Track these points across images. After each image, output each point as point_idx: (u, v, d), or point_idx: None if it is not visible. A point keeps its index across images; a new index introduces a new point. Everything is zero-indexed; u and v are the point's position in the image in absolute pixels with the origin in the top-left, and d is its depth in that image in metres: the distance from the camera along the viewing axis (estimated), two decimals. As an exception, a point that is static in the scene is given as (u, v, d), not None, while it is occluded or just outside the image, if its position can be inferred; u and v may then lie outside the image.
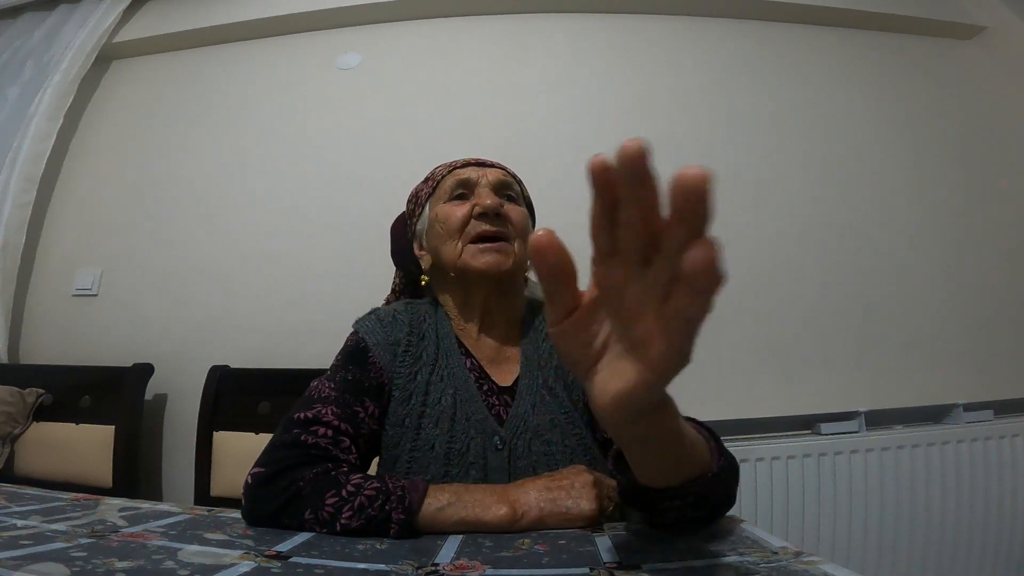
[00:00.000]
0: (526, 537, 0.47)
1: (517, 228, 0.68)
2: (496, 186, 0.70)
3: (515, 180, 0.74)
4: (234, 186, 1.66)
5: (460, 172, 0.72)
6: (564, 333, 0.32)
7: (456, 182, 0.71)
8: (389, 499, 0.49)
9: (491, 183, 0.70)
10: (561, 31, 1.72)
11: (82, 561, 0.36)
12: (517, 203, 0.72)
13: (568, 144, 1.59)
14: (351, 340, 0.68)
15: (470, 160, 0.74)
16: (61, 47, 1.73)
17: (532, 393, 0.65)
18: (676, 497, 0.42)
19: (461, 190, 0.70)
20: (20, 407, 1.35)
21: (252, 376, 1.38)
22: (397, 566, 0.39)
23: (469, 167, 0.73)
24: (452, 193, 0.70)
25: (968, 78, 1.77)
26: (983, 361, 1.52)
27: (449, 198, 0.70)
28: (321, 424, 0.57)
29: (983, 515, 1.32)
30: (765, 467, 1.28)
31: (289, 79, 1.74)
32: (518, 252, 0.67)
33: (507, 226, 0.67)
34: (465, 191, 0.70)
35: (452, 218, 0.68)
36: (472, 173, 0.71)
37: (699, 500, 0.43)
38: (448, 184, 0.71)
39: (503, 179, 0.72)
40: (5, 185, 1.58)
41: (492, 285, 0.68)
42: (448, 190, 0.71)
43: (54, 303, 1.64)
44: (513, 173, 0.75)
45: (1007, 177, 1.68)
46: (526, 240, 0.68)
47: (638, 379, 0.29)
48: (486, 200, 0.67)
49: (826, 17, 1.75)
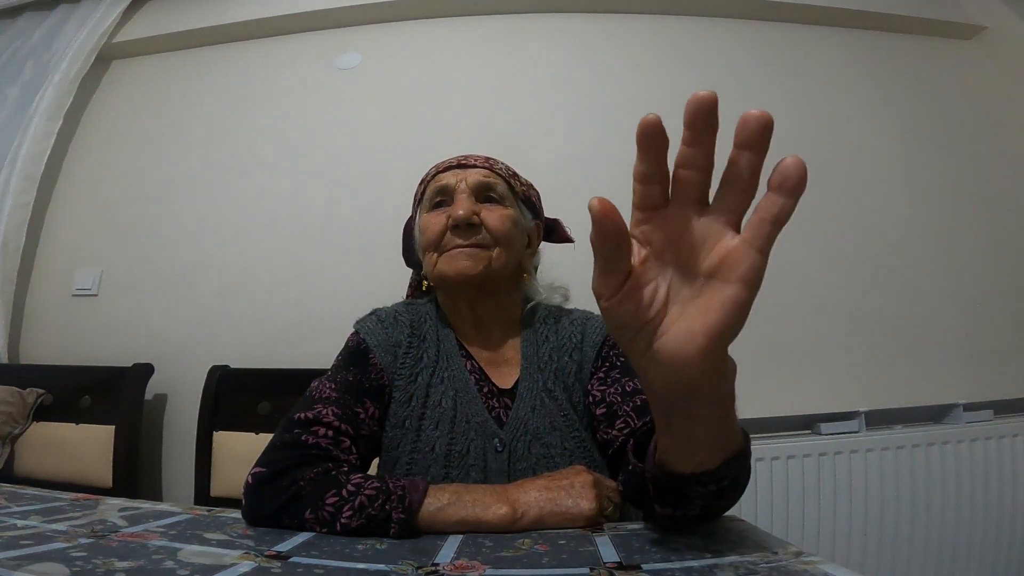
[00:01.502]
0: (526, 537, 0.47)
1: (496, 232, 0.66)
2: (475, 189, 0.68)
3: (502, 178, 0.71)
4: (234, 186, 1.66)
5: (440, 178, 0.70)
6: (621, 302, 0.32)
7: (436, 189, 0.69)
8: (389, 498, 0.49)
9: (470, 187, 0.68)
10: (561, 31, 1.72)
11: (82, 561, 0.36)
12: (500, 203, 0.69)
13: (568, 144, 1.59)
14: (352, 340, 0.68)
15: (452, 162, 0.72)
16: (61, 47, 1.73)
17: (532, 396, 0.65)
18: (712, 481, 0.41)
19: (440, 197, 0.69)
20: (20, 407, 1.35)
21: (252, 376, 1.38)
22: (397, 566, 0.39)
23: (450, 171, 0.70)
24: (432, 201, 0.69)
25: (968, 78, 1.77)
26: (983, 361, 1.52)
27: (430, 207, 0.69)
28: (322, 424, 0.57)
29: (983, 515, 1.32)
30: (765, 467, 1.28)
31: (289, 79, 1.74)
32: (496, 255, 0.66)
33: (481, 233, 0.66)
34: (444, 198, 0.69)
35: (429, 230, 0.67)
36: (451, 179, 0.69)
37: (733, 483, 0.42)
38: (430, 191, 0.70)
39: (483, 180, 0.69)
40: (5, 185, 1.58)
41: (472, 290, 0.67)
42: (429, 198, 0.70)
43: (54, 303, 1.64)
44: (500, 170, 0.72)
45: (1007, 177, 1.68)
46: (509, 244, 0.67)
47: (733, 299, 0.30)
48: (458, 211, 0.65)
49: (826, 17, 1.75)
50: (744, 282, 0.30)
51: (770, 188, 0.29)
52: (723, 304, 0.30)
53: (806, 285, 1.51)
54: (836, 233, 1.56)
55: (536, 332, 0.71)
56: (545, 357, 0.68)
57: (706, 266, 0.31)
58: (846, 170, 1.62)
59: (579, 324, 0.71)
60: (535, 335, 0.70)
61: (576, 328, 0.70)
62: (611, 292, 0.32)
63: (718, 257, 0.31)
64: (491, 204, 0.68)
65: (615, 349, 0.67)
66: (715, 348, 0.31)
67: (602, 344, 0.68)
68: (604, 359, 0.67)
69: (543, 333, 0.70)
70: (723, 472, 0.41)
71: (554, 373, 0.67)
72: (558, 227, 0.80)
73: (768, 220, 0.30)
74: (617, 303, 0.32)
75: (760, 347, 1.45)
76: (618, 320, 0.33)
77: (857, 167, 1.63)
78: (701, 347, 0.31)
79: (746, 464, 0.43)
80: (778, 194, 0.29)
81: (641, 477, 0.45)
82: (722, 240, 0.31)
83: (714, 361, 0.32)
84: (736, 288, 0.30)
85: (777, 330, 1.47)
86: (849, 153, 1.64)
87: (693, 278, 0.32)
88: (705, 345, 0.31)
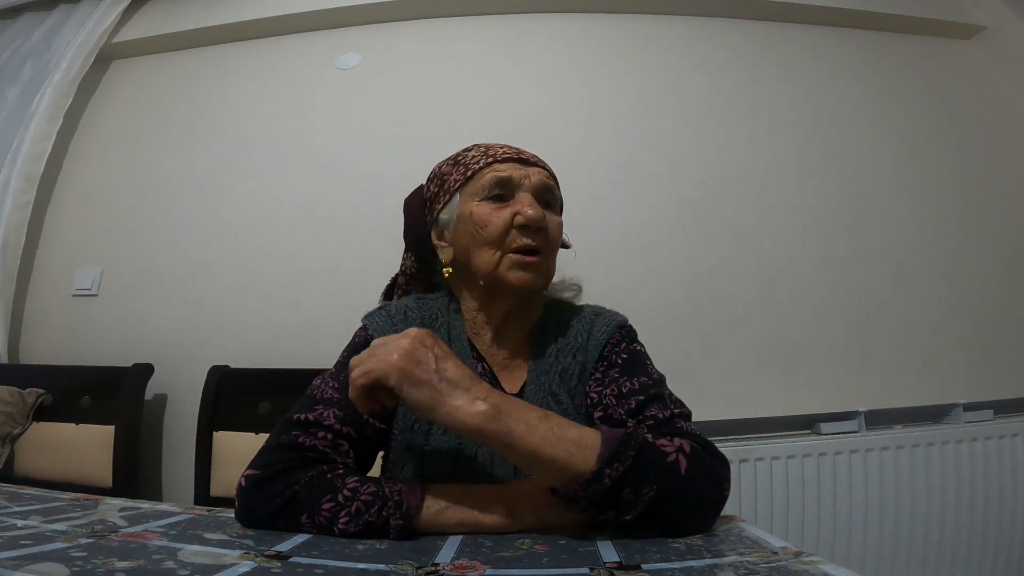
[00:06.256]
0: (526, 537, 0.47)
1: (553, 241, 0.64)
2: (538, 191, 0.64)
3: (556, 183, 0.68)
4: (234, 186, 1.66)
5: (500, 169, 0.64)
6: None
7: (495, 180, 0.63)
8: (386, 504, 0.48)
9: (534, 187, 0.64)
10: (560, 31, 1.72)
11: (82, 561, 0.37)
12: (554, 210, 0.67)
13: (568, 144, 1.59)
14: (360, 336, 0.66)
15: (511, 153, 0.66)
16: (61, 47, 1.73)
17: (537, 399, 0.64)
18: (570, 501, 0.47)
19: (500, 191, 0.63)
20: (20, 407, 1.35)
21: (252, 376, 1.38)
22: (397, 566, 0.39)
23: (511, 163, 0.65)
24: (489, 192, 0.63)
25: (968, 78, 1.77)
26: (983, 361, 1.52)
27: (485, 197, 0.64)
28: (322, 427, 0.56)
29: (983, 515, 1.32)
30: (765, 467, 1.28)
31: (289, 79, 1.74)
32: (550, 265, 0.65)
33: (544, 238, 0.63)
34: (504, 192, 0.64)
35: (492, 225, 0.62)
36: (514, 172, 0.64)
37: (597, 503, 0.46)
38: (486, 180, 0.64)
39: (545, 183, 0.65)
40: (5, 185, 1.58)
41: (520, 298, 0.65)
42: (485, 187, 0.64)
43: (54, 303, 1.64)
44: (554, 173, 0.69)
45: (1006, 177, 1.68)
46: (555, 252, 0.66)
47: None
48: (529, 211, 0.61)
49: (826, 17, 1.75)
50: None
51: None
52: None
53: (806, 285, 1.51)
54: (836, 233, 1.56)
55: (545, 333, 0.69)
56: (551, 359, 0.66)
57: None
58: (845, 170, 1.62)
59: (587, 322, 0.68)
60: (544, 336, 0.68)
61: (583, 327, 0.68)
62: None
63: None
64: (548, 209, 0.65)
65: (618, 347, 0.65)
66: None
67: (606, 343, 0.66)
68: (604, 358, 0.65)
69: (552, 334, 0.68)
70: (587, 488, 0.45)
71: (559, 375, 0.65)
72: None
73: None
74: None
75: (760, 347, 1.45)
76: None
77: (857, 167, 1.63)
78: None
79: (628, 464, 0.46)
80: None
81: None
82: None
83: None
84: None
85: (777, 330, 1.47)
86: (849, 153, 1.64)
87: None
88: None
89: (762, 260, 1.52)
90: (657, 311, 1.46)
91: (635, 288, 1.48)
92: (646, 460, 0.46)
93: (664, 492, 0.46)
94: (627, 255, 1.50)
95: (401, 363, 0.47)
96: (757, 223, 1.55)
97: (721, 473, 0.50)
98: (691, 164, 1.59)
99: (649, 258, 1.51)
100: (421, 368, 0.47)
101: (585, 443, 0.46)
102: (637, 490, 0.46)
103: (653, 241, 1.52)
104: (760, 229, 1.54)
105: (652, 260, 1.51)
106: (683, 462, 0.47)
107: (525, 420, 0.47)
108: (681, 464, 0.47)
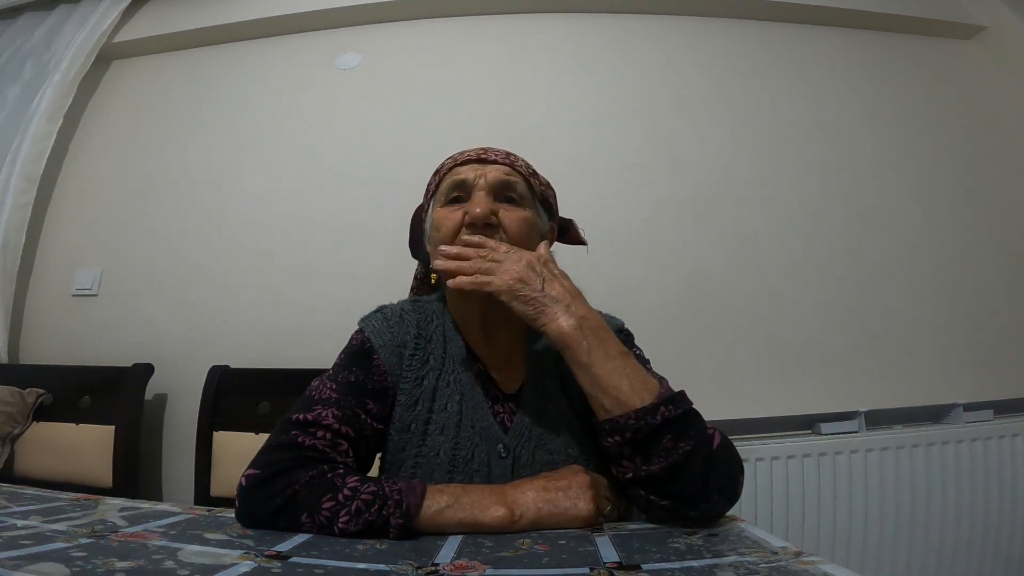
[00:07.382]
0: (526, 537, 0.47)
1: (512, 235, 0.63)
2: (495, 187, 0.65)
3: (522, 176, 0.67)
4: (234, 186, 1.66)
5: (458, 171, 0.66)
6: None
7: (453, 183, 0.65)
8: (386, 504, 0.48)
9: (489, 184, 0.64)
10: (561, 31, 1.72)
11: (82, 561, 0.37)
12: (519, 204, 0.65)
13: (568, 144, 1.59)
14: (356, 339, 0.66)
15: (472, 155, 0.67)
16: (61, 47, 1.73)
17: (536, 401, 0.64)
18: (626, 429, 0.51)
19: (457, 192, 0.65)
20: (20, 407, 1.35)
21: (252, 376, 1.38)
22: (397, 566, 0.39)
23: (469, 165, 0.66)
24: (448, 196, 0.66)
25: (968, 78, 1.77)
26: (983, 361, 1.52)
27: (445, 201, 0.66)
28: (321, 427, 0.56)
29: (983, 515, 1.32)
30: (765, 467, 1.28)
31: (289, 79, 1.74)
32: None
33: (498, 234, 0.63)
34: (461, 194, 0.65)
35: (444, 227, 0.64)
36: (469, 173, 0.65)
37: (679, 430, 0.50)
38: (446, 184, 0.66)
39: (504, 179, 0.65)
40: (5, 185, 1.58)
41: (484, 295, 0.64)
42: (445, 191, 0.66)
43: (54, 303, 1.64)
44: (521, 167, 0.68)
45: (1007, 177, 1.68)
46: (528, 245, 0.64)
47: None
48: (475, 208, 0.62)
49: (826, 17, 1.75)
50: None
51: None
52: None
53: (807, 285, 1.51)
54: (836, 233, 1.56)
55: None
56: (550, 361, 0.66)
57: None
58: (846, 170, 1.62)
59: None
60: (542, 338, 0.67)
61: None
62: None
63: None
64: (509, 204, 0.65)
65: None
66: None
67: None
68: None
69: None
70: (639, 418, 0.50)
71: (559, 378, 0.66)
72: (571, 228, 0.76)
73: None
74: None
75: (760, 347, 1.45)
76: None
77: (856, 167, 1.63)
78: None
79: (680, 412, 0.51)
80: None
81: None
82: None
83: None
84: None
85: (777, 330, 1.47)
86: (848, 153, 1.64)
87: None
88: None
89: (762, 260, 1.52)
90: (658, 311, 1.46)
91: (636, 288, 1.48)
92: (692, 419, 0.53)
93: (695, 455, 0.50)
94: (628, 255, 1.50)
95: (514, 284, 0.56)
96: (757, 223, 1.55)
97: (740, 467, 0.55)
98: (692, 164, 1.59)
99: (650, 258, 1.51)
100: (529, 287, 0.56)
101: (648, 385, 0.53)
102: (676, 440, 0.50)
103: (654, 241, 1.52)
104: (760, 229, 1.54)
105: (653, 260, 1.51)
106: (717, 438, 0.53)
107: (605, 348, 0.55)
108: (715, 439, 0.53)
